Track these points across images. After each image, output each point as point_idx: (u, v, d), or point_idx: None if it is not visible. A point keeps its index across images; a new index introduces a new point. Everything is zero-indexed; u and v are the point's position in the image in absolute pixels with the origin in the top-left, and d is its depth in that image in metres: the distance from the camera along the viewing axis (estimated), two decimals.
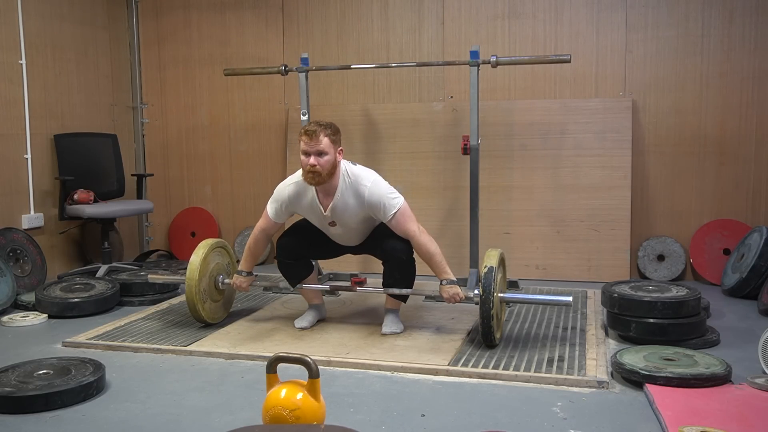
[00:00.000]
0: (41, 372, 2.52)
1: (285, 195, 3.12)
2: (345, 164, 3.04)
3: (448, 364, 2.71)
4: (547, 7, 4.49)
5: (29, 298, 3.77)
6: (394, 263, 3.09)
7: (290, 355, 2.04)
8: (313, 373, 1.97)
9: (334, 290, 3.28)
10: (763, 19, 4.18)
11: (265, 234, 3.21)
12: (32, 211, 4.33)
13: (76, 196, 4.33)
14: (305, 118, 4.09)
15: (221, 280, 3.34)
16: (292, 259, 3.24)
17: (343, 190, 3.00)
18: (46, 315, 3.53)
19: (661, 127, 4.39)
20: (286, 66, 4.17)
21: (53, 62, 4.53)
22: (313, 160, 2.90)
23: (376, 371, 2.70)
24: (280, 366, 2.05)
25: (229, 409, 2.34)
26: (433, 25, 4.69)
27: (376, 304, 3.70)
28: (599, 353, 2.84)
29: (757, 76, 4.22)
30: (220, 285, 3.34)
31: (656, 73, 4.36)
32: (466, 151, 3.86)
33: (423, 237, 2.99)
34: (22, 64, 4.26)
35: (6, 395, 2.32)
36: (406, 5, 4.73)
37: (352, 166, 3.06)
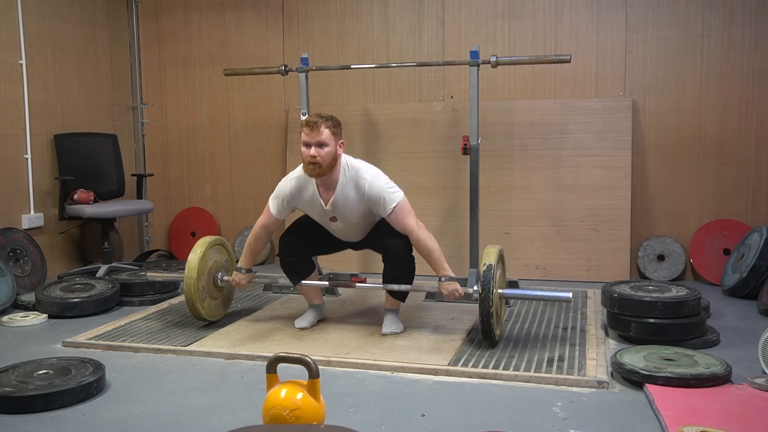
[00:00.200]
0: (41, 372, 2.52)
1: (286, 190, 3.12)
2: (346, 158, 3.04)
3: (448, 364, 2.71)
4: (547, 7, 4.49)
5: (29, 298, 3.77)
6: (394, 260, 3.10)
7: (290, 355, 2.04)
8: (313, 373, 1.97)
9: (334, 286, 3.28)
10: (763, 19, 4.18)
11: (266, 230, 3.21)
12: (32, 211, 4.34)
13: (76, 196, 4.33)
14: (305, 118, 4.08)
15: (220, 277, 3.33)
16: (295, 257, 3.24)
17: (344, 183, 3.00)
18: (46, 315, 3.53)
19: (661, 127, 4.39)
20: (286, 66, 4.16)
21: (53, 62, 4.53)
22: (313, 151, 2.90)
23: (376, 371, 2.70)
24: (280, 366, 2.05)
25: (229, 409, 2.34)
26: (433, 25, 4.69)
27: (376, 304, 3.70)
28: (599, 353, 2.84)
29: (757, 76, 4.22)
30: (219, 282, 3.33)
31: (656, 73, 4.36)
32: (466, 151, 3.86)
33: (422, 233, 2.99)
34: (22, 64, 4.26)
35: (6, 395, 2.32)
36: (406, 5, 4.73)
37: (352, 160, 3.06)
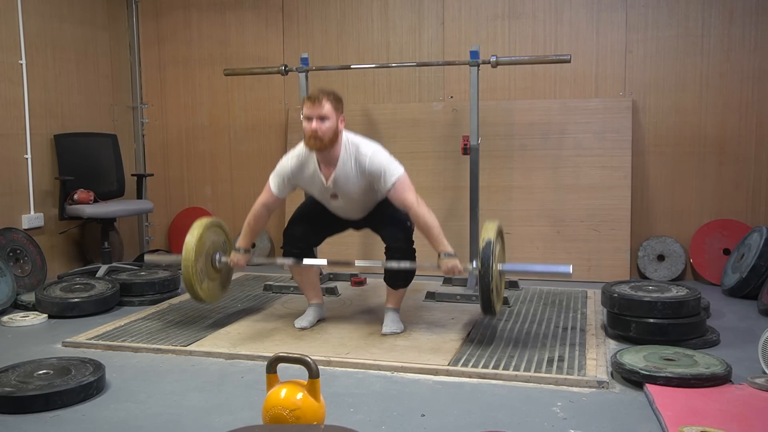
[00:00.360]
0: (41, 372, 2.52)
1: (287, 168, 3.11)
2: (347, 134, 3.04)
3: (448, 364, 2.71)
4: (547, 7, 4.49)
5: (29, 298, 3.77)
6: (395, 252, 3.10)
7: (290, 355, 2.04)
8: (313, 373, 1.97)
9: (333, 264, 3.24)
10: (763, 19, 4.18)
11: (266, 209, 3.20)
12: (32, 211, 4.34)
13: (76, 196, 4.33)
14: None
15: (218, 258, 3.28)
16: (299, 249, 3.25)
17: (345, 159, 2.99)
18: (46, 315, 3.53)
19: (661, 127, 4.39)
20: (286, 66, 4.17)
21: (53, 62, 4.53)
22: (315, 125, 2.90)
23: (376, 371, 2.70)
24: (280, 366, 2.05)
25: (229, 409, 2.34)
26: (433, 25, 4.69)
27: (376, 304, 3.70)
28: (599, 353, 2.84)
29: (757, 76, 4.22)
30: (218, 264, 3.28)
31: (656, 73, 4.36)
32: (466, 151, 3.87)
33: (422, 208, 2.97)
34: (22, 64, 4.26)
35: (6, 395, 2.32)
36: (406, 5, 4.73)
37: (353, 136, 3.06)
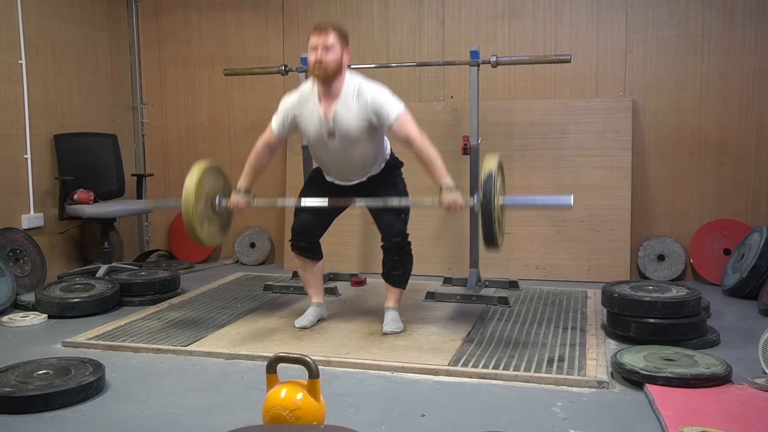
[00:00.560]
0: (41, 372, 2.52)
1: (288, 104, 3.13)
2: (351, 73, 3.07)
3: (448, 364, 2.71)
4: (547, 7, 4.49)
5: (29, 298, 3.76)
6: (392, 247, 3.13)
7: (290, 355, 2.04)
8: (313, 373, 1.97)
9: (333, 206, 3.21)
10: (763, 19, 4.18)
11: (267, 147, 3.19)
12: (32, 211, 4.33)
13: (76, 196, 4.33)
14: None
15: (218, 201, 3.20)
16: (307, 243, 3.28)
17: (347, 94, 3.01)
18: (46, 315, 3.53)
19: (661, 127, 4.39)
20: (286, 66, 4.17)
21: (53, 62, 4.53)
22: (320, 53, 2.93)
23: (376, 371, 2.70)
24: (280, 366, 2.05)
25: (229, 409, 2.34)
26: (433, 25, 4.69)
27: (376, 304, 3.70)
28: (599, 353, 2.84)
29: (757, 76, 4.22)
30: (217, 207, 3.19)
31: (656, 73, 4.36)
32: (466, 151, 3.87)
33: (424, 142, 2.96)
34: (22, 64, 4.26)
35: (6, 395, 2.32)
36: (406, 5, 4.73)
37: (357, 75, 3.09)
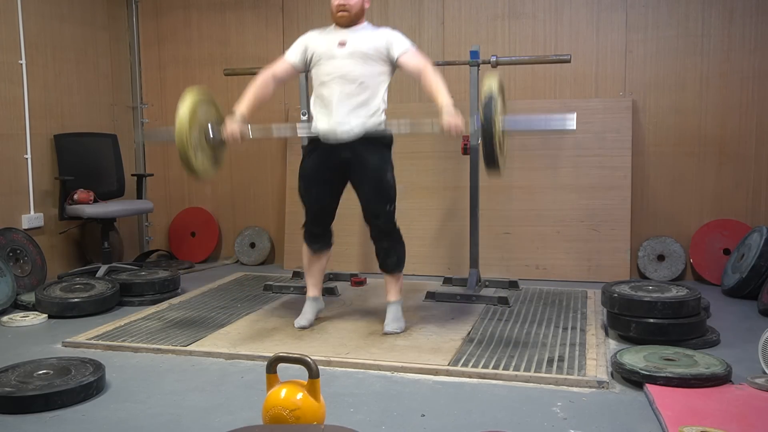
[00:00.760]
0: (41, 372, 2.52)
1: (308, 33, 3.24)
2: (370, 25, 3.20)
3: (448, 364, 2.71)
4: (547, 7, 4.49)
5: (29, 298, 3.77)
6: (379, 235, 3.18)
7: (290, 355, 2.04)
8: (313, 373, 1.97)
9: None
10: (763, 19, 4.18)
11: (273, 77, 3.20)
12: (32, 211, 4.34)
13: (76, 196, 4.33)
14: (305, 118, 4.09)
15: (211, 132, 3.09)
16: (321, 227, 3.31)
17: (365, 27, 3.17)
18: (46, 315, 3.53)
19: (661, 127, 4.39)
20: None
21: (53, 62, 4.53)
22: (343, 0, 3.07)
23: (376, 371, 2.70)
24: (280, 366, 2.05)
25: (229, 409, 2.34)
26: (433, 25, 4.69)
27: (376, 304, 3.70)
28: (599, 353, 2.84)
29: (757, 76, 4.22)
30: (211, 137, 3.09)
31: (656, 73, 4.36)
32: (466, 151, 3.87)
33: (434, 69, 3.06)
34: (22, 64, 4.26)
35: (6, 395, 2.32)
36: (406, 5, 4.73)
37: None
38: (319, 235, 3.32)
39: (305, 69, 3.27)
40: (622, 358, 2.59)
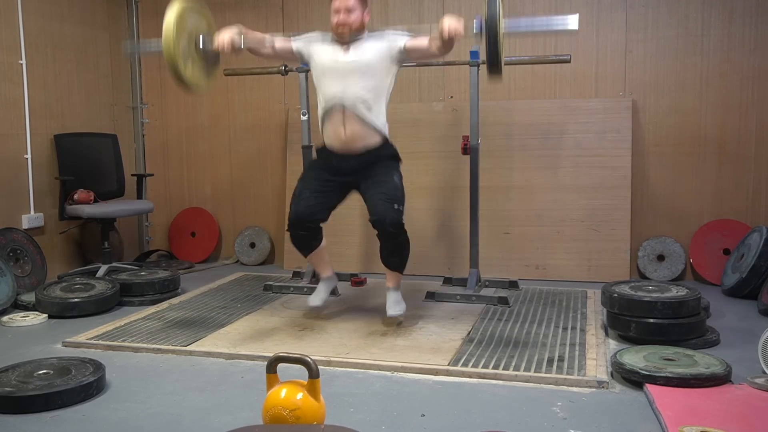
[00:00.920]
0: (41, 372, 2.52)
1: (314, 35, 3.25)
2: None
3: (448, 364, 2.71)
4: (547, 7, 4.48)
5: (29, 298, 3.77)
6: (384, 236, 3.14)
7: (290, 355, 2.04)
8: (313, 373, 1.97)
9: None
10: (763, 19, 4.18)
11: (272, 45, 3.25)
12: (32, 211, 4.33)
13: (76, 196, 4.33)
14: (305, 118, 4.09)
15: (202, 40, 3.07)
16: (305, 231, 3.27)
17: (365, 37, 3.17)
18: (46, 315, 3.53)
19: (661, 127, 4.39)
20: (286, 66, 4.16)
21: (53, 62, 4.53)
22: (342, 17, 3.08)
23: (376, 371, 2.70)
24: (280, 366, 2.05)
25: (229, 409, 2.34)
26: (433, 25, 4.68)
27: (376, 304, 3.70)
28: (599, 353, 2.84)
29: (757, 76, 4.22)
30: (201, 45, 3.06)
31: (656, 73, 4.36)
32: (466, 151, 3.87)
33: (436, 41, 3.10)
34: (22, 64, 4.26)
35: (6, 395, 2.32)
36: (406, 5, 4.73)
37: None
38: (303, 238, 3.29)
39: (301, 62, 3.32)
40: (622, 358, 2.59)
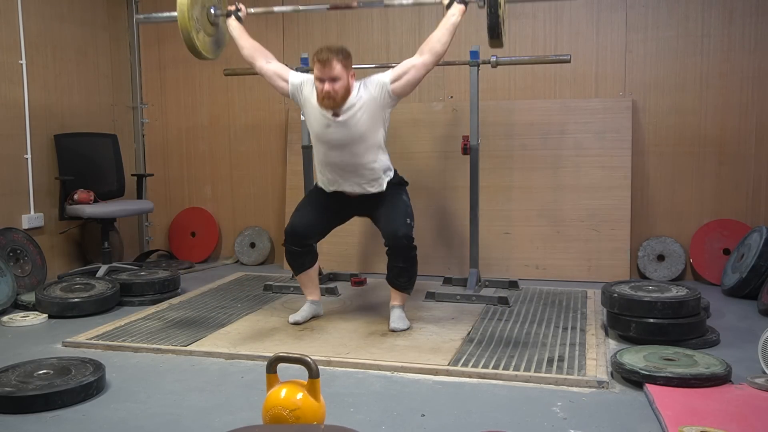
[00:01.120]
0: (41, 372, 2.52)
1: (308, 79, 3.19)
2: (357, 83, 3.13)
3: (448, 364, 2.71)
4: (547, 7, 4.48)
5: (29, 298, 3.77)
6: (396, 252, 3.13)
7: (290, 355, 2.04)
8: (313, 373, 1.97)
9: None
10: (763, 19, 4.18)
11: (267, 60, 3.33)
12: (32, 211, 4.34)
13: (76, 196, 4.33)
14: (305, 118, 4.08)
15: (213, 11, 3.31)
16: (299, 247, 3.26)
17: (354, 97, 3.09)
18: (46, 315, 3.53)
19: (661, 127, 4.39)
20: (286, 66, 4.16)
21: (53, 62, 4.53)
22: (327, 87, 3.00)
23: (376, 371, 2.70)
24: (280, 366, 2.05)
25: (229, 409, 2.34)
26: (433, 25, 4.65)
27: (376, 303, 3.70)
28: (599, 353, 2.84)
29: (757, 76, 4.22)
30: (212, 17, 3.31)
31: (656, 73, 4.36)
32: (466, 151, 3.87)
33: (426, 56, 3.13)
34: (22, 64, 4.26)
35: (6, 395, 2.32)
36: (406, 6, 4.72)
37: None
38: (296, 254, 3.29)
39: (289, 97, 3.29)
40: (622, 358, 2.59)
